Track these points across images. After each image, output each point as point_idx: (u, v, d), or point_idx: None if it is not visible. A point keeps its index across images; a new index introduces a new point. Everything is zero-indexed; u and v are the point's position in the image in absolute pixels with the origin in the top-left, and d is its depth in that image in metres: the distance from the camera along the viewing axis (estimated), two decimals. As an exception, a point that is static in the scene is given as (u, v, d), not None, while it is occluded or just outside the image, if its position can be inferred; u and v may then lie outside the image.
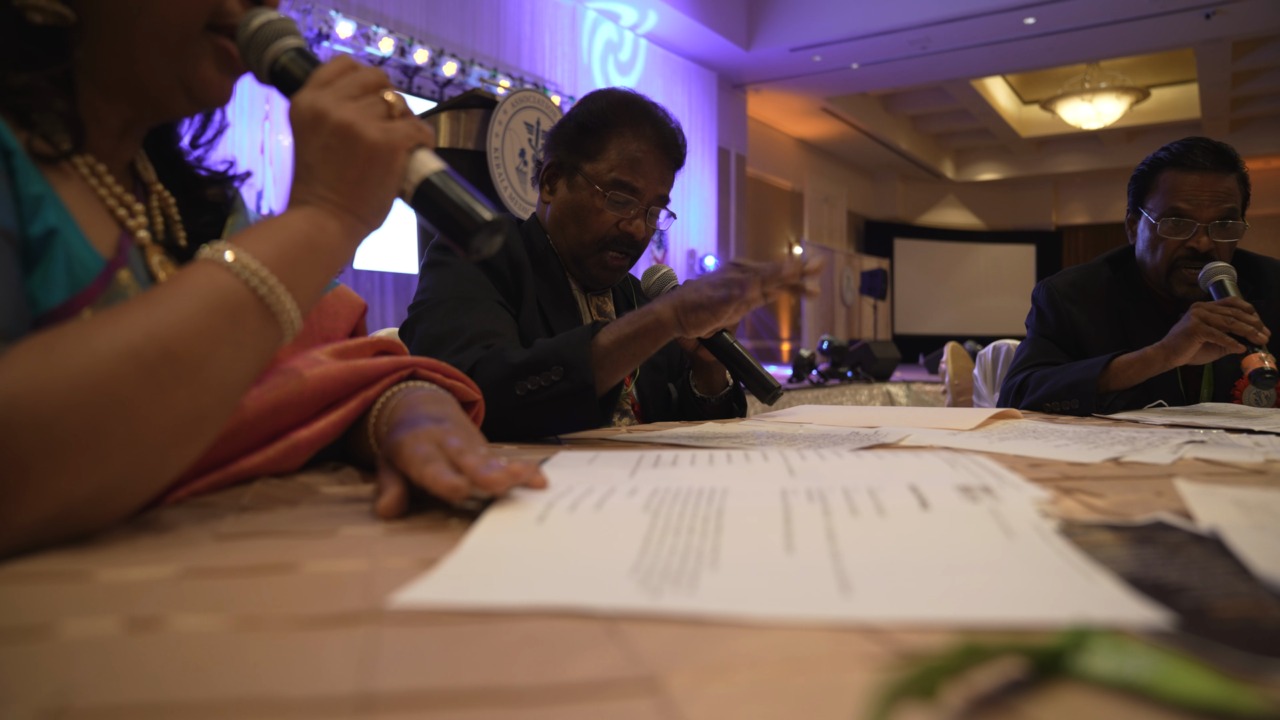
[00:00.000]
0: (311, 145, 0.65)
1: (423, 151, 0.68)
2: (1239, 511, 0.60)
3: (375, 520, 0.61)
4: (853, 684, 0.32)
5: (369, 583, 0.46)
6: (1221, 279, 1.70)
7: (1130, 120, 12.26)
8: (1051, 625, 0.36)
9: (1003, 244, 16.27)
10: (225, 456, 0.70)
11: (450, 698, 0.31)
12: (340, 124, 0.64)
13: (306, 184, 0.65)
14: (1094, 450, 0.98)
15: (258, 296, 0.59)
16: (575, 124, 1.52)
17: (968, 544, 0.50)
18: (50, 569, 0.47)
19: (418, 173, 0.68)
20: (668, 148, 1.51)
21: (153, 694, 0.32)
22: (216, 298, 0.57)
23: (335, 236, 0.64)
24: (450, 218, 0.68)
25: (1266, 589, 0.43)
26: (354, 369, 0.79)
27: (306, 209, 0.64)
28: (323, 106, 0.65)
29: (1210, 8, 8.28)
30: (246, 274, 0.58)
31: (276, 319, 0.60)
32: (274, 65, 0.70)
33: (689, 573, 0.45)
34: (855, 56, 9.70)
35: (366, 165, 0.65)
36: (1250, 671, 0.33)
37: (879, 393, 7.04)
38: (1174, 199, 1.80)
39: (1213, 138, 1.84)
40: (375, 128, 0.65)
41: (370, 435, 0.80)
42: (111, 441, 0.51)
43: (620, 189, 1.48)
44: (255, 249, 0.60)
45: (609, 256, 1.52)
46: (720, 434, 1.18)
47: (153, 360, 0.53)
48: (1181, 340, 1.60)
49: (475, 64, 6.97)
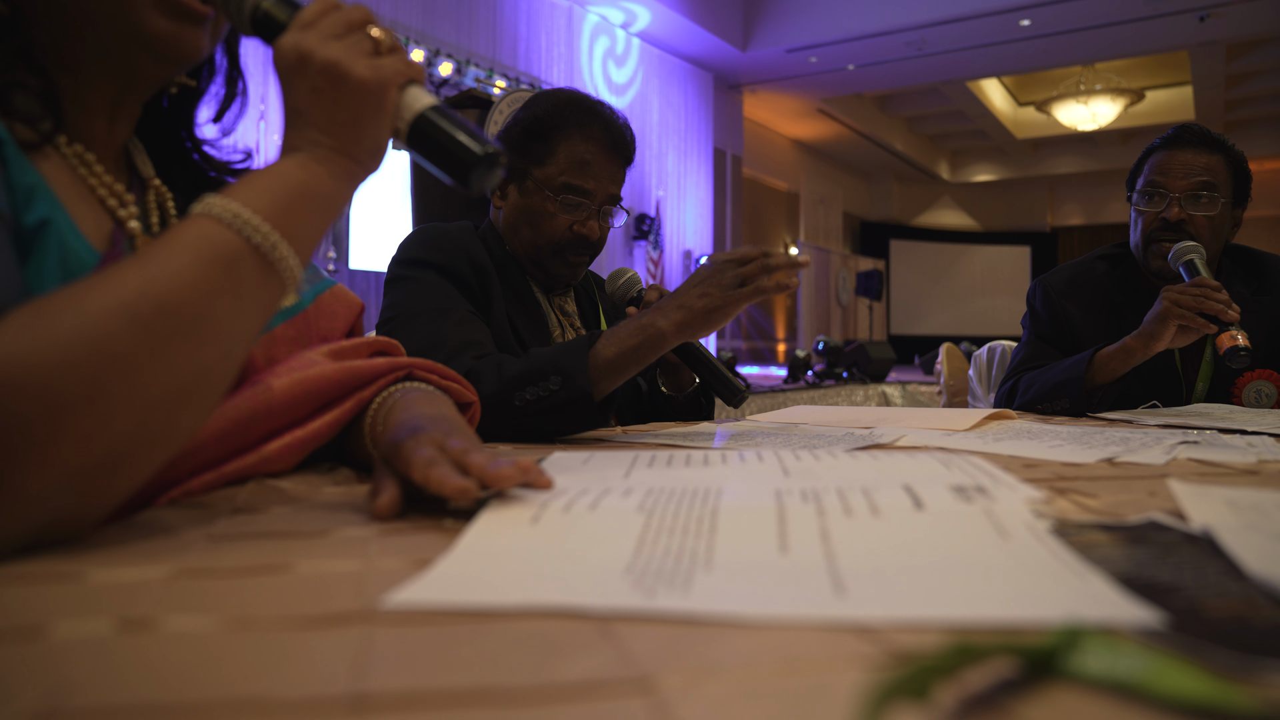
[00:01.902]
0: (299, 89, 0.63)
1: (414, 87, 0.66)
2: (1231, 512, 0.61)
3: (369, 521, 0.61)
4: (845, 684, 0.32)
5: (362, 583, 0.46)
6: (1191, 258, 1.70)
7: (1125, 122, 12.29)
8: (1045, 625, 0.37)
9: (998, 245, 16.30)
10: (219, 456, 0.70)
11: (443, 698, 0.31)
12: (327, 63, 0.62)
13: (298, 129, 0.63)
14: (1088, 450, 0.99)
15: (253, 246, 0.57)
16: (521, 128, 1.50)
17: (962, 544, 0.50)
18: (42, 570, 0.47)
19: (411, 109, 0.65)
20: (616, 146, 1.51)
21: (144, 695, 0.32)
22: (210, 250, 0.55)
23: (331, 181, 0.63)
24: (448, 153, 0.65)
25: (1258, 589, 0.43)
26: (349, 370, 0.79)
27: (299, 155, 0.62)
28: (307, 47, 0.62)
29: (1204, 10, 8.31)
30: (239, 224, 0.57)
31: (276, 269, 0.58)
32: (255, 13, 0.67)
33: (683, 573, 0.45)
34: (851, 58, 9.71)
35: (358, 104, 0.63)
36: (1242, 671, 0.33)
37: (874, 393, 7.04)
38: (1151, 174, 1.86)
39: None
40: (363, 65, 0.62)
41: (366, 436, 0.80)
42: (113, 400, 0.50)
43: (571, 192, 1.47)
44: (249, 199, 0.58)
45: (569, 256, 1.52)
46: (714, 434, 1.18)
47: (147, 316, 0.51)
48: (1156, 325, 1.60)
49: (471, 64, 6.97)
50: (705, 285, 1.13)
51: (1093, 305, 1.91)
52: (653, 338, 1.14)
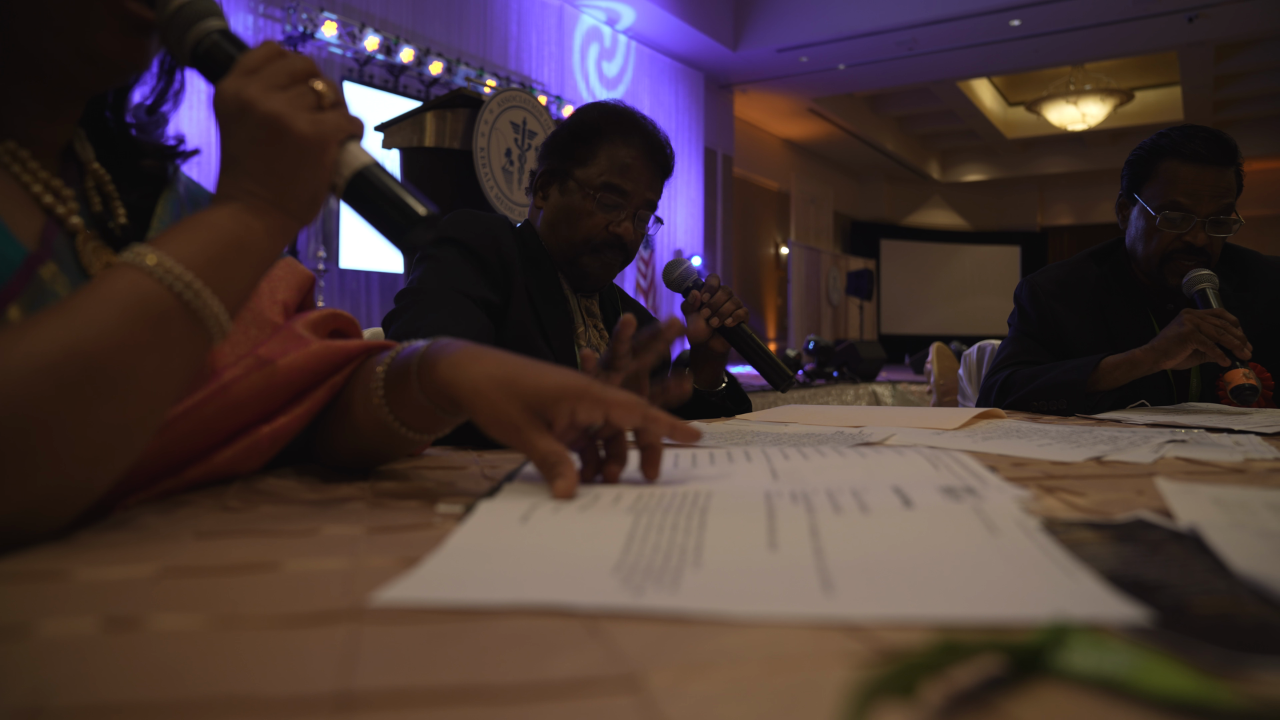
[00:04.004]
0: (238, 137, 0.62)
1: (353, 143, 0.65)
2: (1218, 510, 0.61)
3: (357, 519, 0.61)
4: (833, 682, 0.32)
5: (350, 581, 0.45)
6: (1205, 288, 1.69)
7: (1115, 122, 12.35)
8: (1033, 622, 0.37)
9: (988, 245, 16.37)
10: (184, 458, 0.68)
11: (430, 696, 0.31)
12: (268, 115, 0.60)
13: (233, 177, 0.62)
14: (1076, 449, 0.99)
15: (182, 301, 0.56)
16: (568, 132, 1.58)
17: (951, 541, 0.50)
18: (28, 568, 0.47)
19: (350, 166, 0.64)
20: (655, 155, 1.57)
21: (130, 693, 0.32)
22: (138, 305, 0.54)
23: (263, 234, 0.61)
24: (383, 212, 0.64)
25: (1244, 586, 0.43)
26: (319, 356, 0.75)
27: (233, 205, 0.61)
28: (249, 96, 0.61)
29: (1193, 11, 8.36)
30: (170, 278, 0.55)
31: (204, 323, 0.57)
32: (196, 49, 0.66)
33: (671, 571, 0.45)
34: (842, 57, 9.74)
35: (297, 159, 0.61)
36: (1227, 667, 0.33)
37: (865, 393, 7.06)
38: (1174, 191, 1.76)
39: None
40: (305, 119, 0.61)
41: (378, 396, 0.73)
42: (34, 461, 0.50)
43: (610, 191, 1.53)
44: (178, 251, 0.57)
45: (603, 255, 1.56)
46: (706, 434, 1.18)
47: (73, 378, 0.51)
48: (1174, 345, 1.59)
49: (461, 63, 6.96)
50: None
51: (1081, 306, 1.91)
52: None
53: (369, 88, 6.43)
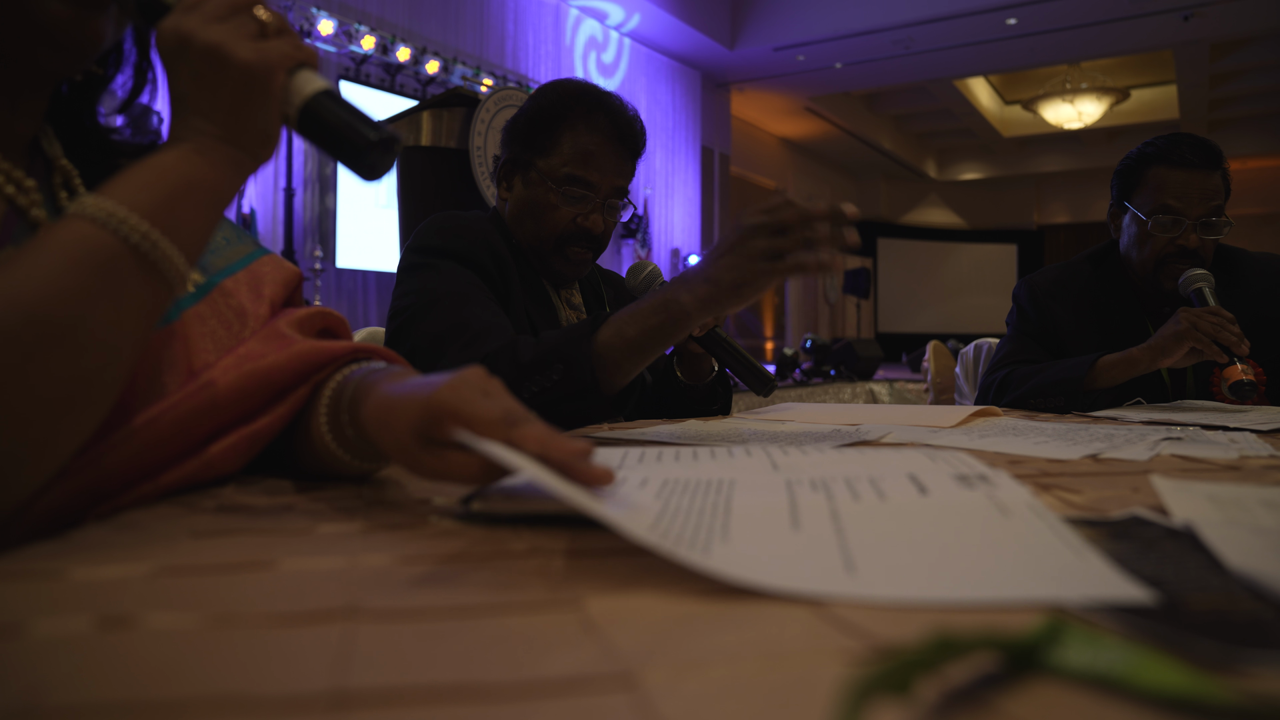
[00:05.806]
0: (181, 74, 0.60)
1: (305, 71, 0.63)
2: (1213, 507, 0.61)
3: (353, 517, 0.60)
4: (828, 678, 0.32)
5: (346, 580, 0.45)
6: (1201, 287, 1.70)
7: (1111, 121, 12.36)
8: (1043, 602, 0.39)
9: (985, 243, 16.38)
10: (161, 461, 0.65)
11: (425, 694, 0.31)
12: (207, 46, 0.59)
13: (181, 117, 0.60)
14: (1072, 447, 0.99)
15: (131, 246, 0.55)
16: (526, 118, 1.48)
17: (966, 525, 0.52)
18: (22, 567, 0.47)
19: (300, 94, 0.62)
20: (623, 137, 1.47)
21: (124, 692, 0.32)
22: (83, 253, 0.53)
23: (215, 172, 0.60)
24: (340, 137, 0.63)
25: (1238, 582, 0.43)
26: (301, 356, 0.72)
27: (183, 146, 0.60)
28: (188, 29, 0.59)
29: (1188, 10, 8.37)
30: (115, 223, 0.54)
31: (158, 268, 0.56)
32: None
33: (701, 542, 0.47)
34: (838, 56, 9.73)
35: (242, 89, 0.60)
36: (1221, 663, 0.33)
37: (862, 391, 7.06)
38: (1163, 196, 1.79)
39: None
40: (246, 47, 0.60)
41: (322, 422, 0.70)
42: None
43: (574, 184, 1.44)
44: (126, 196, 0.56)
45: (571, 251, 1.49)
46: (704, 432, 1.18)
47: (15, 326, 0.50)
48: (1171, 343, 1.60)
49: (458, 62, 6.95)
50: (734, 256, 1.00)
51: (1077, 307, 1.93)
52: (675, 315, 1.04)
53: (365, 87, 6.43)
